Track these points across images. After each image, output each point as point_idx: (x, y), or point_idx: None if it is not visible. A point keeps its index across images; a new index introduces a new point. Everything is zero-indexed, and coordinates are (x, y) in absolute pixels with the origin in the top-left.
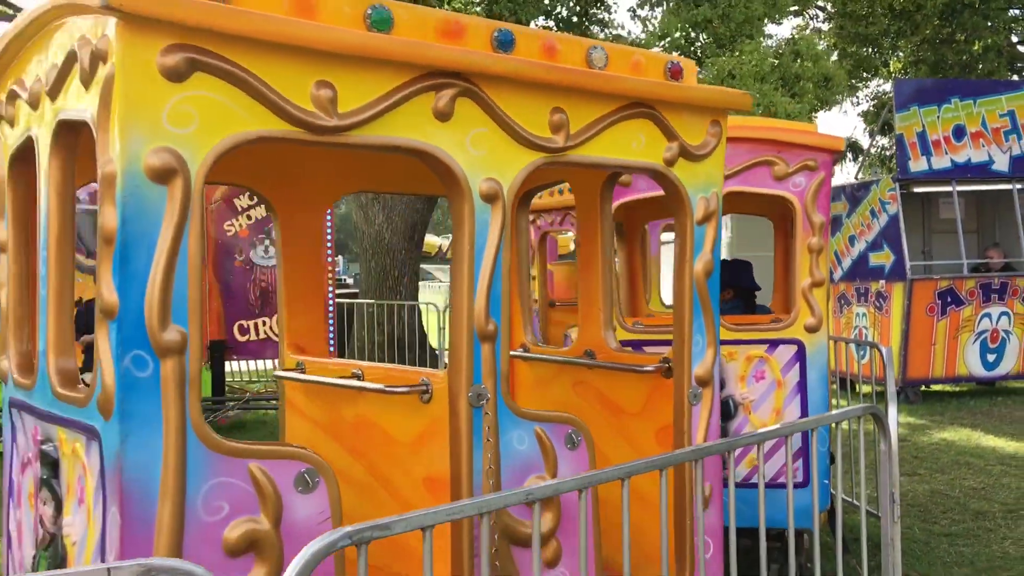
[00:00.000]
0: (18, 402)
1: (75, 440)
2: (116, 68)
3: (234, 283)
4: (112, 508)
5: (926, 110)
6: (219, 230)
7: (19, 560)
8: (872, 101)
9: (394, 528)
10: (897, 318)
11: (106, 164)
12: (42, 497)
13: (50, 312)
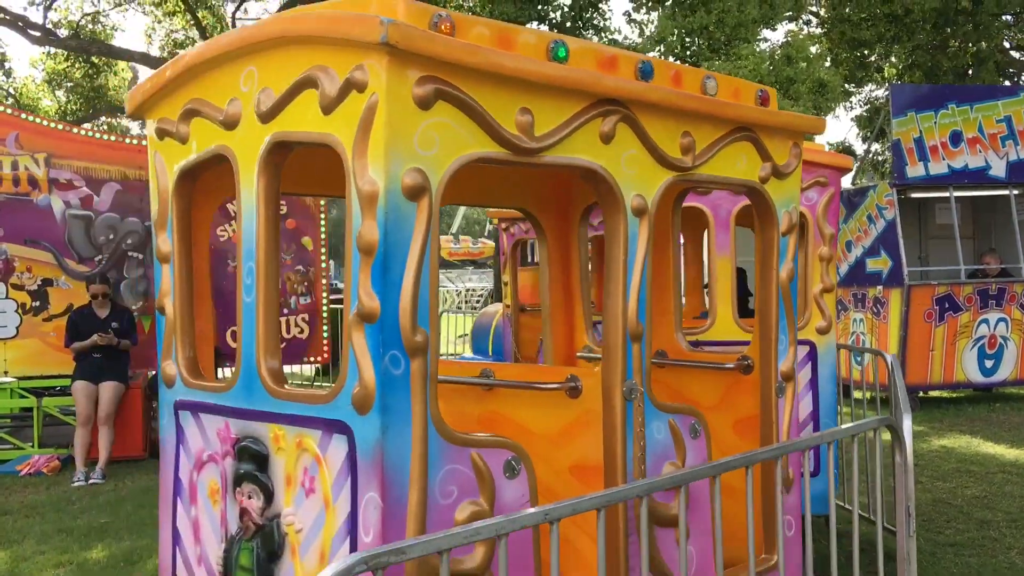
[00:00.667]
0: (191, 404)
1: (301, 435)
2: (380, 98)
3: (227, 289)
4: (370, 494)
5: (923, 116)
6: (212, 236)
7: (199, 555)
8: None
9: (410, 552)
10: (895, 324)
11: (366, 184)
12: (244, 491)
13: (259, 317)
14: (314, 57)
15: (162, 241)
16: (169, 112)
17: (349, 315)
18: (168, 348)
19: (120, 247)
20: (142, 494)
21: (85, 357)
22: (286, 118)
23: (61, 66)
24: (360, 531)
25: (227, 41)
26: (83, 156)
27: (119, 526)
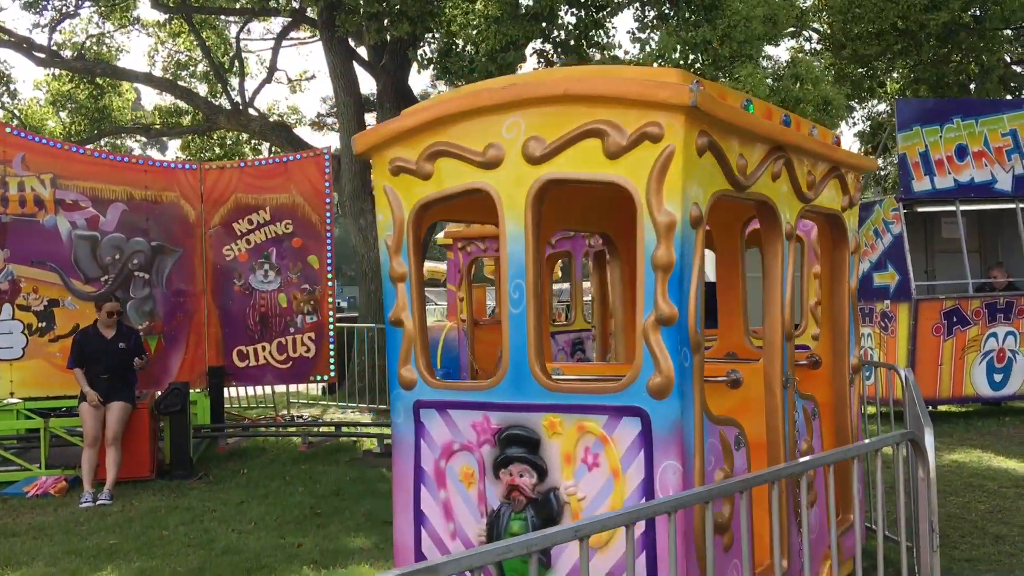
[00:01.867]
0: (436, 402)
1: (582, 420)
2: (677, 148)
3: (233, 308)
4: (669, 462)
5: (928, 130)
6: (218, 255)
7: (452, 531)
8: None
9: (443, 571)
10: (903, 338)
11: (663, 216)
12: (513, 471)
13: (529, 325)
14: (595, 113)
15: (397, 264)
16: (407, 153)
17: (641, 321)
18: (407, 355)
19: (126, 267)
20: (150, 515)
21: (92, 379)
22: (562, 161)
23: (65, 87)
24: (658, 492)
25: (487, 96)
26: (89, 177)
27: (128, 547)
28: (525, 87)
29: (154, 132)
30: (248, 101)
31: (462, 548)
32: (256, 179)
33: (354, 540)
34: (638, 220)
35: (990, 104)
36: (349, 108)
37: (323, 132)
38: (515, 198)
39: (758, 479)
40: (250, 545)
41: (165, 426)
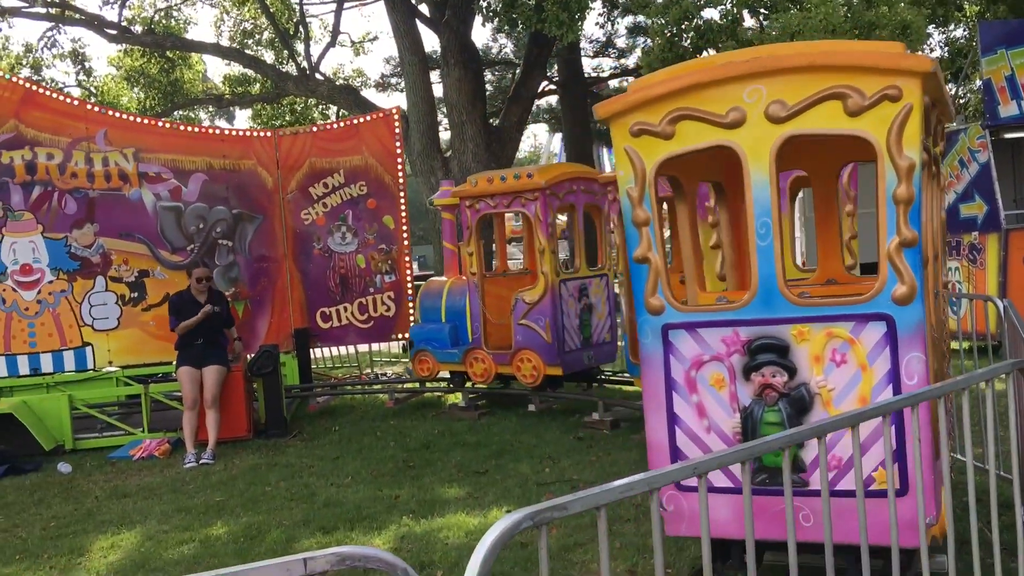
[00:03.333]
0: (685, 323)
1: (829, 328)
2: (914, 106)
3: (314, 271)
4: (914, 354)
5: (1014, 52)
6: (296, 220)
7: (707, 427)
8: (945, 48)
9: (571, 508)
10: (993, 270)
11: (904, 160)
12: (766, 373)
13: (776, 254)
14: (835, 79)
15: (641, 211)
16: (649, 117)
17: (886, 243)
18: (654, 286)
19: (210, 236)
20: (251, 472)
21: (187, 344)
22: (804, 120)
23: (138, 62)
24: (903, 377)
25: (731, 68)
26: (169, 149)
27: (234, 504)
28: (769, 60)
29: (225, 102)
30: (314, 66)
31: (717, 440)
32: (329, 143)
33: (448, 490)
34: (879, 166)
35: None
36: (414, 67)
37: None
38: (759, 152)
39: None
40: (349, 498)
41: (258, 388)
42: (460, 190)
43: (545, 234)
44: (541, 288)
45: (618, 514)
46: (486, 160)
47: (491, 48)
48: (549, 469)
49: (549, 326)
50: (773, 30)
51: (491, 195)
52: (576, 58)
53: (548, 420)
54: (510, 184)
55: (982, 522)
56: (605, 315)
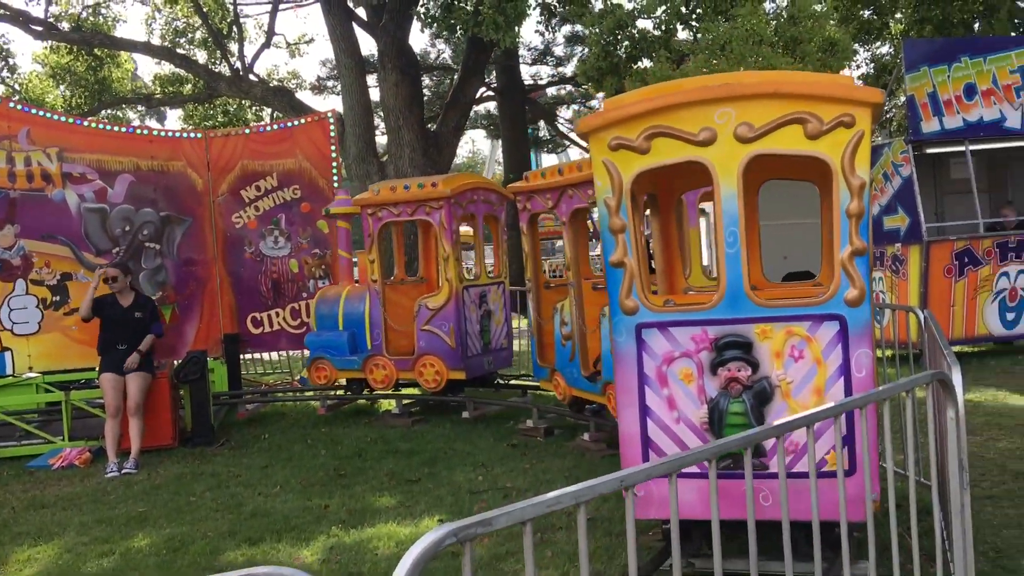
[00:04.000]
0: (657, 323)
1: (789, 326)
2: (865, 133)
3: (245, 275)
4: (862, 349)
5: (936, 70)
6: (227, 223)
7: (676, 418)
8: (871, 64)
9: (495, 523)
10: (915, 281)
11: (856, 180)
12: (731, 368)
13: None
14: (794, 105)
15: (618, 219)
16: (626, 133)
17: (840, 252)
18: (628, 289)
19: (137, 238)
20: (176, 482)
21: (110, 350)
22: (768, 141)
23: (64, 60)
24: (853, 370)
25: (704, 92)
26: (95, 149)
27: (157, 514)
28: (738, 86)
29: (155, 102)
30: (248, 67)
31: (687, 430)
32: (262, 145)
33: (379, 499)
34: (834, 183)
35: (998, 41)
36: (350, 70)
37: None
38: (728, 169)
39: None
40: (277, 508)
41: (185, 394)
42: (361, 199)
43: (450, 242)
44: (445, 294)
45: (550, 522)
46: (423, 165)
47: (429, 53)
48: (482, 477)
49: (453, 331)
50: (705, 41)
51: (394, 203)
52: (514, 65)
53: (482, 427)
54: (414, 193)
55: (902, 528)
56: (502, 321)
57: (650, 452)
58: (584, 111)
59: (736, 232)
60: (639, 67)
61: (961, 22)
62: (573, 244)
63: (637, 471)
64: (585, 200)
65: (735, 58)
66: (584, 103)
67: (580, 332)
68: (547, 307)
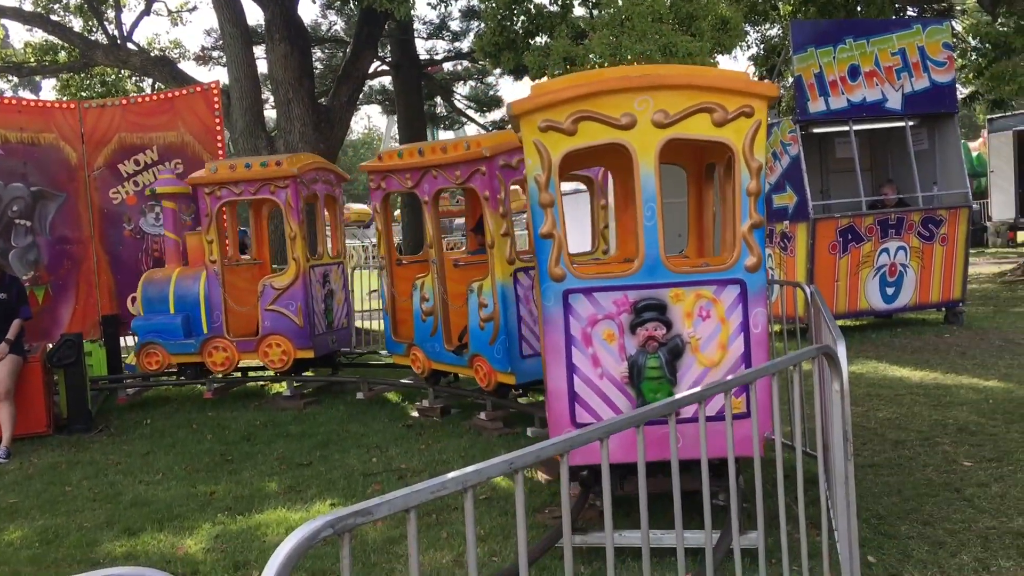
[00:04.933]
0: (583, 288)
1: (698, 290)
2: (762, 122)
3: (124, 254)
4: (758, 309)
5: (822, 51)
6: (104, 198)
7: (600, 373)
8: (761, 45)
9: (376, 512)
10: (802, 257)
11: (754, 162)
12: (648, 327)
13: (659, 232)
14: (706, 96)
15: (546, 195)
16: (555, 116)
17: (741, 225)
18: (556, 258)
19: (5, 215)
20: (50, 471)
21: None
22: (681, 127)
23: None
24: (751, 327)
25: (627, 81)
26: None
27: (30, 505)
28: (656, 77)
29: (26, 71)
30: (126, 35)
31: (609, 384)
32: (141, 117)
33: (268, 484)
34: (736, 165)
35: (880, 24)
36: (236, 40)
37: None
38: (647, 150)
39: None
40: (159, 496)
41: (60, 379)
42: (197, 177)
43: (296, 220)
44: (292, 273)
45: (445, 503)
46: (314, 140)
47: (320, 25)
48: (376, 459)
49: (301, 310)
50: (606, 17)
51: (234, 182)
52: (409, 39)
53: (377, 408)
54: (256, 172)
55: (789, 498)
56: (343, 300)
57: (576, 405)
58: (480, 87)
59: (654, 207)
60: (537, 42)
61: (843, 4)
62: (435, 222)
63: (525, 453)
64: (451, 181)
65: (636, 34)
66: (481, 79)
67: (443, 307)
68: (401, 284)
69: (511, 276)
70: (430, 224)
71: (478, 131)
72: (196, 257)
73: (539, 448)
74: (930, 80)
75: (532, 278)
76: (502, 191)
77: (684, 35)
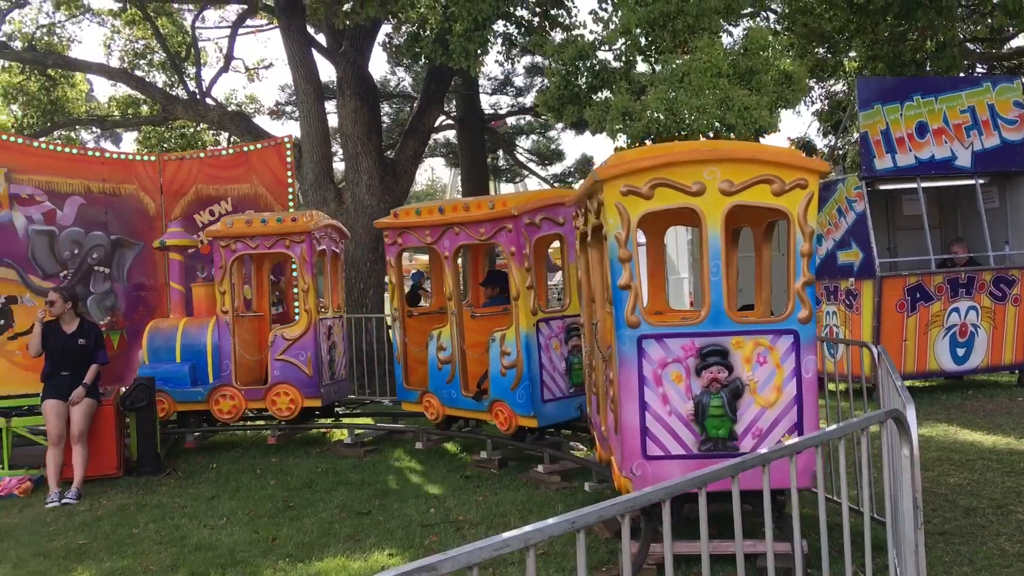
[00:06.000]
0: (655, 335)
1: (757, 338)
2: (814, 193)
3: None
4: (809, 357)
5: (889, 107)
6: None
7: (669, 410)
8: (826, 100)
9: (440, 568)
10: (868, 315)
11: (808, 228)
12: (712, 370)
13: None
14: (765, 169)
15: (624, 251)
16: (635, 182)
17: (795, 282)
18: (632, 307)
19: (86, 261)
20: (119, 513)
21: (54, 376)
22: (744, 195)
23: (16, 79)
24: (803, 372)
25: (698, 154)
26: (45, 170)
27: (98, 547)
28: (724, 151)
29: (110, 124)
30: (205, 90)
31: (676, 420)
32: (217, 169)
33: (329, 532)
34: (791, 230)
35: (948, 82)
36: (309, 96)
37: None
38: (714, 214)
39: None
40: (223, 540)
41: (131, 422)
42: (214, 231)
43: (310, 274)
44: (304, 325)
45: (502, 557)
46: (380, 192)
47: (389, 81)
48: (434, 510)
49: (311, 360)
50: (665, 73)
51: (251, 236)
52: (474, 94)
53: (435, 459)
54: (272, 227)
55: (856, 565)
56: (343, 352)
57: (647, 439)
58: (542, 141)
59: (719, 264)
60: (599, 98)
61: (912, 61)
62: (454, 276)
63: (587, 513)
64: (475, 237)
65: (693, 89)
66: (543, 133)
67: (461, 356)
68: (413, 335)
69: (534, 326)
70: (449, 278)
71: (539, 184)
72: (201, 307)
73: (601, 508)
74: (1000, 138)
75: (552, 328)
76: (527, 247)
77: (742, 89)
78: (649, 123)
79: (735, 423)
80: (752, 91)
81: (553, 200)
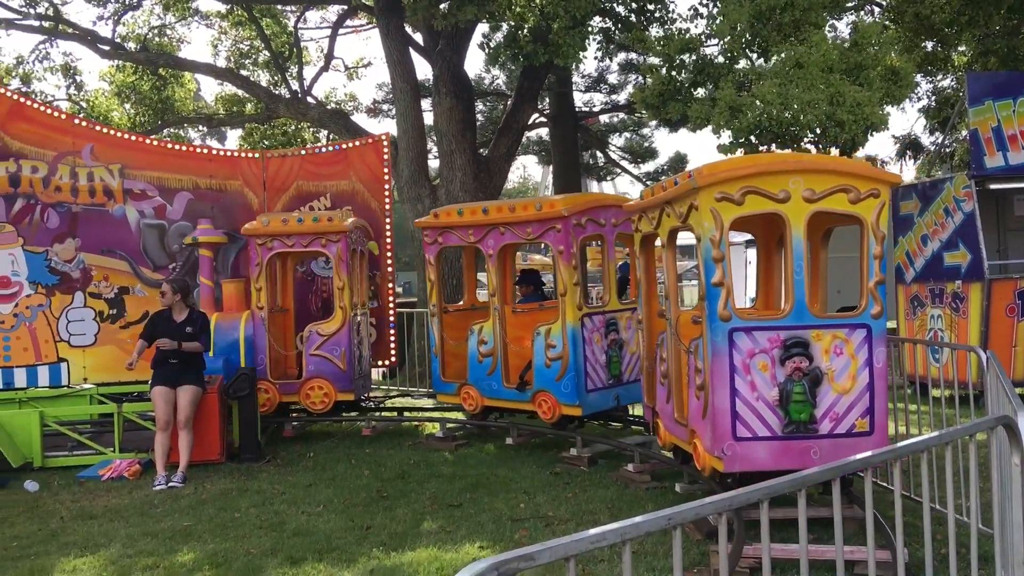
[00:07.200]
0: (744, 327)
1: (834, 331)
2: (886, 201)
3: (296, 294)
4: (881, 348)
5: (1001, 104)
6: None
7: (756, 396)
8: (933, 97)
9: (538, 558)
10: (975, 319)
11: (880, 233)
12: (795, 360)
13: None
14: (843, 180)
15: (717, 252)
16: (729, 189)
17: (868, 282)
18: (724, 302)
19: (193, 254)
20: (222, 497)
21: (162, 363)
22: (825, 203)
23: (130, 79)
24: (874, 362)
25: (784, 165)
26: (156, 166)
27: (202, 529)
28: (807, 163)
29: (216, 122)
30: (307, 89)
31: (763, 405)
32: (317, 166)
33: (421, 523)
34: (864, 235)
35: None
36: (406, 94)
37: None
38: (798, 220)
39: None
40: (320, 527)
41: (234, 410)
42: (251, 228)
43: (346, 272)
44: (339, 321)
45: (592, 554)
46: (474, 189)
47: (483, 79)
48: (524, 505)
49: (345, 355)
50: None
51: (287, 235)
52: (567, 92)
53: (525, 454)
54: (309, 226)
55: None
56: (368, 348)
57: (736, 422)
58: (635, 139)
59: (801, 264)
60: (700, 94)
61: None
62: (499, 274)
63: (684, 510)
64: (522, 236)
65: (805, 83)
66: (636, 131)
67: (504, 349)
68: (450, 330)
69: (580, 320)
70: (493, 276)
71: (631, 182)
72: (230, 303)
73: (698, 505)
74: None
75: (595, 323)
76: (574, 246)
77: (852, 84)
78: (759, 117)
79: (815, 408)
80: (861, 87)
81: (597, 203)
